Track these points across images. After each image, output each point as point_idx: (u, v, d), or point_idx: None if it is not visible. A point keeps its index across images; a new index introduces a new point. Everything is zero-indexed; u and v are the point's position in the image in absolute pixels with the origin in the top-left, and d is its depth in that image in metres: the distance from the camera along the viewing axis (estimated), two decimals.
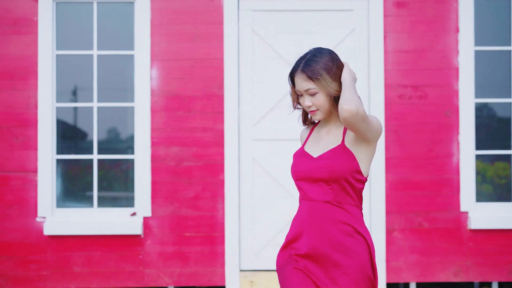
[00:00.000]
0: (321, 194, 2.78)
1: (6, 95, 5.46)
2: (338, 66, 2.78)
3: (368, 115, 2.70)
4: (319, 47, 2.84)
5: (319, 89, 2.75)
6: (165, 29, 5.50)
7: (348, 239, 2.74)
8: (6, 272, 5.42)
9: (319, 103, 2.78)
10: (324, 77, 2.74)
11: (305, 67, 2.76)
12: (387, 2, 5.53)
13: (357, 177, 2.77)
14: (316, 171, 2.77)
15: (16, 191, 5.44)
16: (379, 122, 2.77)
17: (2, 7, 5.47)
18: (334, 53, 2.82)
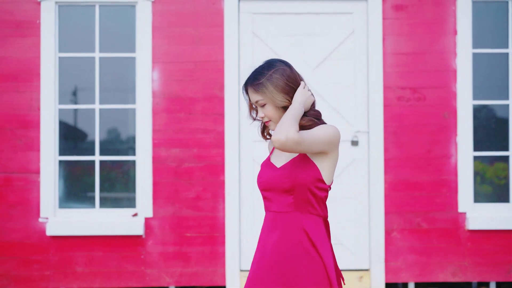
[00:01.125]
0: (283, 205, 2.78)
1: (9, 97, 5.51)
2: (288, 79, 2.77)
3: (309, 132, 2.70)
4: (272, 59, 2.85)
5: (266, 101, 2.77)
6: (166, 31, 5.56)
7: (303, 258, 2.73)
8: (8, 272, 5.48)
9: (269, 114, 2.79)
10: (269, 89, 2.74)
11: (253, 79, 2.79)
12: (386, 5, 5.59)
13: (319, 186, 2.77)
14: (278, 181, 2.78)
15: (18, 191, 5.49)
16: (331, 132, 2.75)
17: (5, 10, 5.53)
18: (286, 66, 2.81)
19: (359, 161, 5.59)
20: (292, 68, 2.83)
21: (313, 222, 2.77)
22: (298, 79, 2.81)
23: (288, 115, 2.70)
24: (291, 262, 2.74)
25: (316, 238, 2.76)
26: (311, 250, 2.75)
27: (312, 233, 2.76)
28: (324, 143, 2.72)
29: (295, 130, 2.65)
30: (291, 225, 2.77)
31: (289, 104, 2.77)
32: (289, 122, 2.67)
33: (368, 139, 5.57)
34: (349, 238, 5.57)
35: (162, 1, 5.57)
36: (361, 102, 5.60)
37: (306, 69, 5.61)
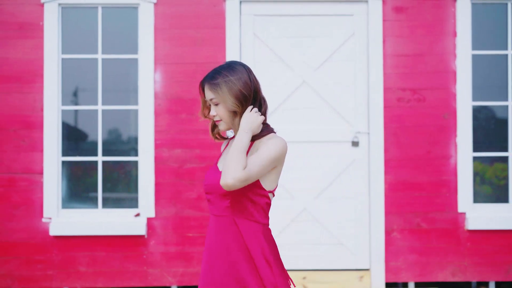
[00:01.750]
0: (221, 209, 2.81)
1: (12, 98, 5.56)
2: (243, 85, 2.79)
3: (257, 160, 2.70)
4: (234, 61, 2.88)
5: (219, 101, 2.80)
6: (168, 33, 5.61)
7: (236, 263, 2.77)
8: (12, 272, 5.52)
9: (221, 114, 2.82)
10: (223, 91, 2.78)
11: (210, 78, 2.82)
12: (386, 7, 5.64)
13: (258, 192, 2.79)
14: (217, 184, 2.79)
15: (22, 192, 5.54)
16: (278, 148, 2.75)
17: (8, 12, 5.58)
18: (245, 72, 2.83)
19: (359, 162, 5.64)
20: (251, 75, 2.84)
21: (249, 228, 2.79)
22: (253, 87, 2.82)
23: (234, 152, 2.68)
24: (227, 266, 2.78)
25: (250, 245, 2.78)
26: (244, 256, 2.77)
27: (247, 239, 2.78)
28: (273, 161, 2.74)
29: (241, 168, 2.65)
30: (228, 230, 2.80)
31: (238, 110, 2.79)
32: (235, 161, 2.66)
33: (369, 139, 5.62)
34: (349, 238, 5.61)
35: (164, 3, 5.61)
36: (361, 103, 5.65)
37: (307, 70, 5.65)
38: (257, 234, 2.79)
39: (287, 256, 5.59)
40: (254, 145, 2.82)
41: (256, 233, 2.79)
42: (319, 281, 5.54)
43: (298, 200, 5.63)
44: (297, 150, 5.63)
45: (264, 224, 2.82)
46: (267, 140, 2.80)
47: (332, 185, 5.63)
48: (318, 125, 5.66)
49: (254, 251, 2.77)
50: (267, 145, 2.75)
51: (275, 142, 2.76)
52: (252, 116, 2.78)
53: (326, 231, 5.61)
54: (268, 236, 2.83)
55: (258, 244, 2.78)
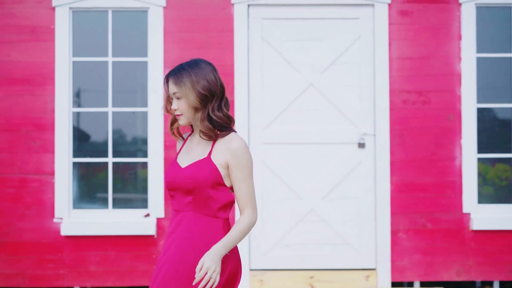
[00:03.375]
0: (182, 204, 2.88)
1: (24, 101, 5.66)
2: (208, 83, 2.85)
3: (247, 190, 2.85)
4: (200, 59, 2.93)
5: (181, 95, 2.86)
6: (177, 36, 5.70)
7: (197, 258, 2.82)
8: (24, 271, 5.62)
9: (182, 109, 2.87)
10: (187, 85, 2.84)
11: (176, 72, 2.88)
12: (392, 10, 5.72)
13: (220, 189, 2.87)
14: (181, 181, 2.87)
15: (34, 193, 5.64)
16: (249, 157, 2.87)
17: (20, 16, 5.67)
18: (211, 71, 2.89)
19: (365, 163, 5.72)
20: (216, 74, 2.91)
21: (209, 224, 2.87)
22: (219, 85, 2.88)
23: (237, 242, 2.84)
24: (187, 261, 2.83)
25: (209, 240, 2.84)
26: (202, 250, 2.82)
27: (206, 234, 2.85)
28: (252, 168, 2.90)
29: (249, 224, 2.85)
30: (188, 225, 2.86)
31: (199, 106, 2.85)
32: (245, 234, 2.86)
33: (375, 141, 5.70)
34: (355, 238, 5.70)
35: (174, 7, 5.71)
36: (367, 105, 5.73)
37: (313, 73, 5.74)
38: (217, 229, 2.87)
39: (295, 255, 5.68)
40: (217, 145, 2.89)
41: (216, 228, 2.87)
42: (326, 280, 5.63)
43: (305, 201, 5.71)
44: (304, 152, 5.72)
45: (224, 219, 2.90)
46: (231, 143, 2.86)
47: (338, 186, 5.71)
48: (325, 127, 5.75)
49: (209, 243, 2.83)
50: (241, 163, 2.85)
51: (245, 153, 2.86)
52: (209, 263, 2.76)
53: (333, 231, 5.70)
54: (227, 230, 2.89)
55: (216, 237, 2.85)
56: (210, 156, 2.88)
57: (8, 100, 5.66)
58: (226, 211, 2.91)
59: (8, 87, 5.66)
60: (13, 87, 5.66)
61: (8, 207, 5.62)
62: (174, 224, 2.91)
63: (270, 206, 5.71)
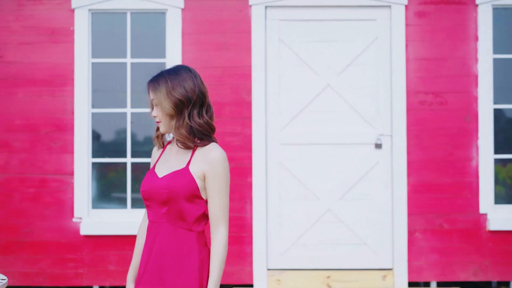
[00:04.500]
0: (157, 215, 2.81)
1: (44, 101, 5.72)
2: (184, 92, 2.79)
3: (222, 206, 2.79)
4: (181, 66, 2.87)
5: (157, 103, 2.82)
6: (195, 38, 5.75)
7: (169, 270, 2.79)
8: (44, 270, 5.68)
9: (159, 116, 2.83)
10: (162, 93, 2.79)
11: (154, 79, 2.84)
12: (409, 12, 5.75)
13: (195, 201, 2.79)
14: (156, 191, 2.80)
15: (54, 193, 5.70)
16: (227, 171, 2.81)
17: (40, 18, 5.73)
18: (190, 79, 2.83)
19: (382, 164, 5.75)
20: (196, 80, 2.83)
21: (182, 236, 2.79)
22: (198, 92, 2.81)
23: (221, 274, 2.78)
24: (158, 272, 2.80)
25: (182, 252, 2.79)
26: (174, 262, 2.79)
27: (179, 246, 2.79)
28: (228, 181, 2.83)
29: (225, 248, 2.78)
30: (162, 236, 2.80)
31: (173, 114, 2.79)
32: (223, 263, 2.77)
33: (392, 142, 5.73)
34: (372, 238, 5.73)
35: (191, 9, 5.75)
36: (384, 106, 5.76)
37: (331, 74, 5.78)
38: (191, 242, 2.80)
39: (312, 255, 5.72)
40: (195, 155, 2.82)
41: (190, 241, 2.79)
42: (343, 280, 5.67)
43: (323, 201, 5.75)
44: (321, 152, 5.76)
45: (198, 232, 2.82)
46: (210, 153, 2.79)
47: (355, 186, 5.75)
48: (342, 128, 5.78)
49: (185, 258, 2.79)
50: (217, 174, 2.78)
51: (222, 163, 2.79)
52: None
53: (350, 231, 5.74)
54: (202, 243, 2.82)
55: (190, 252, 2.79)
56: (188, 167, 2.81)
57: (29, 101, 5.72)
58: (201, 224, 2.82)
59: (28, 88, 5.72)
60: (33, 88, 5.72)
61: (29, 207, 5.69)
62: (151, 237, 2.84)
63: (288, 206, 5.75)
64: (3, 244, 5.67)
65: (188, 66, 2.88)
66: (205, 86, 2.86)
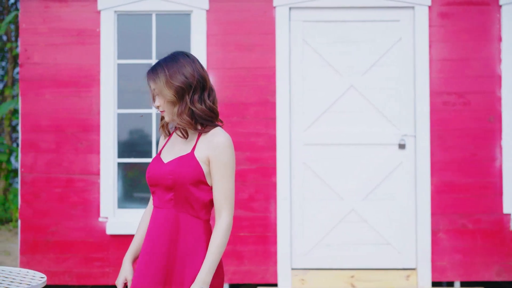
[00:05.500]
0: (163, 201, 2.81)
1: (71, 102, 5.79)
2: (184, 78, 2.79)
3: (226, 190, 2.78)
4: (178, 52, 2.86)
5: (158, 92, 2.82)
6: (220, 39, 5.80)
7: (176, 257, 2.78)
8: (71, 269, 5.75)
9: (162, 105, 2.83)
10: (161, 81, 2.79)
11: (152, 69, 2.84)
12: (432, 12, 5.78)
13: (201, 187, 2.79)
14: (162, 177, 2.79)
15: (80, 192, 5.77)
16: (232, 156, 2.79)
17: (67, 19, 5.80)
18: (188, 64, 2.82)
19: (406, 164, 5.78)
20: (195, 65, 2.83)
21: (189, 223, 2.79)
22: (198, 77, 2.80)
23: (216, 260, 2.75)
24: (164, 260, 2.78)
25: (188, 239, 2.78)
26: (180, 249, 2.78)
27: (185, 233, 2.78)
28: (234, 166, 2.80)
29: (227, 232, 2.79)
30: (167, 222, 2.79)
31: (176, 101, 2.79)
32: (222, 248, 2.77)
33: (415, 142, 5.76)
34: (396, 238, 5.77)
35: (216, 10, 5.80)
36: (408, 107, 5.80)
37: (354, 75, 5.81)
38: (197, 229, 2.80)
39: (335, 255, 5.76)
40: (200, 141, 2.82)
41: (196, 228, 2.79)
42: (366, 279, 5.70)
43: (346, 201, 5.79)
44: (345, 153, 5.80)
45: (205, 220, 2.83)
46: (214, 138, 2.79)
47: (379, 187, 5.78)
48: (366, 128, 5.82)
49: (191, 245, 2.78)
50: (221, 158, 2.77)
51: (227, 148, 2.78)
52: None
53: (374, 231, 5.77)
54: (208, 233, 2.83)
55: (197, 239, 2.79)
56: (193, 152, 2.80)
57: (55, 102, 5.79)
58: (208, 212, 2.83)
59: (55, 89, 5.79)
60: (59, 89, 5.79)
61: (56, 206, 5.76)
62: (153, 221, 2.83)
63: (311, 206, 5.79)
64: (30, 243, 5.75)
65: (186, 52, 2.87)
66: (205, 70, 2.86)
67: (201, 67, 2.84)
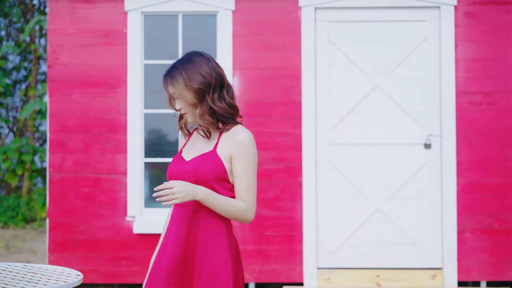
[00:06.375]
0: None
1: (98, 102, 5.84)
2: (201, 78, 2.78)
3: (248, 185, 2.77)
4: (192, 52, 2.85)
5: (177, 95, 2.80)
6: (246, 39, 5.83)
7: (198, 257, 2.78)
8: (98, 268, 5.81)
9: (183, 107, 2.81)
10: (180, 85, 2.77)
11: (168, 73, 2.82)
12: (458, 12, 5.78)
13: (224, 185, 2.78)
14: (184, 175, 2.77)
15: (107, 192, 5.82)
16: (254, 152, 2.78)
17: (94, 20, 5.86)
18: (204, 63, 2.81)
19: (431, 164, 5.79)
20: (211, 63, 2.81)
21: (210, 221, 2.78)
22: (216, 75, 2.80)
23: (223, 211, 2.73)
24: (187, 259, 2.79)
25: (209, 238, 2.78)
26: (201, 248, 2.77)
27: (207, 232, 2.78)
28: (256, 163, 2.79)
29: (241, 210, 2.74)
30: (189, 221, 2.78)
31: (197, 102, 2.77)
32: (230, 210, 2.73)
33: (441, 142, 5.76)
34: (422, 238, 5.77)
35: (242, 11, 5.84)
36: (433, 107, 5.80)
37: (379, 75, 5.83)
38: (219, 228, 2.79)
39: (361, 255, 5.77)
40: (222, 138, 2.81)
41: (218, 227, 2.79)
42: (392, 279, 5.71)
43: (372, 201, 5.80)
44: (370, 152, 5.81)
45: (227, 219, 2.82)
46: (236, 136, 2.78)
47: (405, 186, 5.79)
48: (391, 128, 5.83)
49: (212, 244, 2.77)
50: (243, 155, 2.76)
51: (248, 145, 2.77)
52: (180, 188, 2.67)
53: (399, 230, 5.78)
54: (229, 232, 2.82)
55: (218, 238, 2.78)
56: (215, 149, 2.79)
57: (83, 102, 5.85)
58: None
59: (82, 90, 5.85)
60: (87, 90, 5.85)
61: (83, 205, 5.82)
62: (174, 219, 2.83)
63: (337, 206, 5.81)
64: (59, 242, 5.81)
65: (200, 51, 2.86)
66: (221, 67, 2.85)
67: (216, 65, 2.83)
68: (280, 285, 5.95)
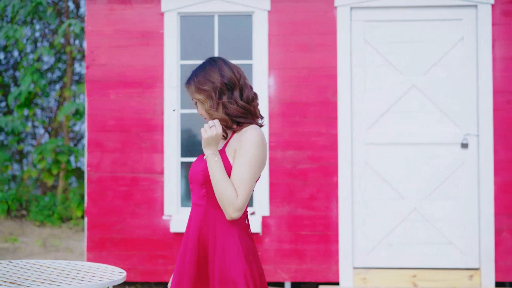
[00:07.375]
0: (198, 197, 2.89)
1: (135, 102, 5.90)
2: (213, 85, 2.87)
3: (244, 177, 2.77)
4: (209, 60, 2.94)
5: (198, 101, 2.92)
6: (281, 39, 5.85)
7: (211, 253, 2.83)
8: (135, 266, 5.87)
9: (203, 112, 2.93)
10: (195, 91, 2.91)
11: (187, 81, 2.95)
12: (495, 10, 5.73)
13: None
14: (196, 174, 2.89)
15: (144, 191, 5.88)
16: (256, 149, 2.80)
17: (132, 21, 5.92)
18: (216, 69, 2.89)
19: (468, 163, 5.75)
20: (223, 70, 2.88)
21: (222, 219, 2.84)
22: (229, 80, 2.87)
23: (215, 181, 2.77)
24: (202, 255, 2.85)
25: (222, 236, 2.83)
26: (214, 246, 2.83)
27: (219, 229, 2.84)
28: (259, 161, 2.81)
29: (233, 194, 2.75)
30: (202, 219, 2.86)
31: (213, 107, 2.87)
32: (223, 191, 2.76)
33: (478, 141, 5.73)
34: (459, 238, 5.74)
35: (278, 11, 5.86)
36: (470, 106, 5.76)
37: (415, 74, 5.80)
38: (230, 226, 2.85)
39: (397, 254, 5.76)
40: (233, 137, 2.90)
41: (229, 225, 2.85)
42: (429, 279, 5.69)
43: (408, 201, 5.78)
44: (407, 152, 5.79)
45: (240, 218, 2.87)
46: (244, 134, 2.84)
47: (441, 186, 5.76)
48: (427, 128, 5.80)
49: (224, 242, 2.83)
50: (243, 149, 2.81)
51: (252, 141, 2.81)
52: (208, 135, 2.81)
53: (436, 230, 5.75)
54: (241, 229, 2.87)
55: (229, 236, 2.84)
56: (224, 148, 2.89)
57: (120, 102, 5.91)
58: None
59: (120, 90, 5.91)
60: (124, 90, 5.91)
61: (121, 204, 5.88)
62: (191, 218, 2.92)
63: (373, 205, 5.80)
64: (97, 240, 5.88)
65: (215, 57, 2.95)
66: (235, 71, 2.91)
67: (229, 69, 2.90)
68: (316, 284, 5.95)
